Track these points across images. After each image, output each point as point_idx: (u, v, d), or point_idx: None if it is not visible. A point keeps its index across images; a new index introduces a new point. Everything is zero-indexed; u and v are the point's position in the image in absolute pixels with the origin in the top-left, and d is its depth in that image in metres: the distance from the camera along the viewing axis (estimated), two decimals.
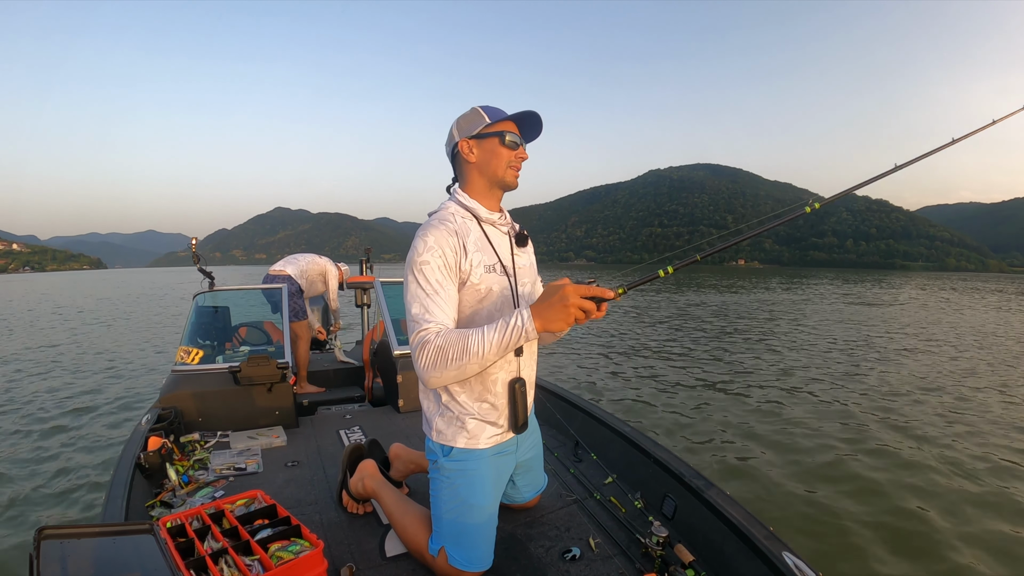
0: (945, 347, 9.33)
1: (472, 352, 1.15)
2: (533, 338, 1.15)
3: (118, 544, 1.22)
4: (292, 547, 1.38)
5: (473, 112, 1.37)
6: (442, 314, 1.24)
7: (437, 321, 1.23)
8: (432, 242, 1.28)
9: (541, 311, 1.13)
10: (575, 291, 1.10)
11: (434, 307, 1.24)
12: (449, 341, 1.17)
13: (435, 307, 1.24)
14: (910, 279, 56.17)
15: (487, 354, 1.16)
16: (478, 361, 1.16)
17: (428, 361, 1.18)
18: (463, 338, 1.17)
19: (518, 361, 1.42)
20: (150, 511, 1.76)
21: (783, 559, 1.26)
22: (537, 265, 1.61)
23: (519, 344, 1.17)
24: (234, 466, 2.15)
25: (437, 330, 1.21)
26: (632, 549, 1.55)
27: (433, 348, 1.18)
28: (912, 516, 3.13)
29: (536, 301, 1.16)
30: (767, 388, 6.15)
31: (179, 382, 2.60)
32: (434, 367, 1.18)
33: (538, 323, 1.13)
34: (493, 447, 1.42)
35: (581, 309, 1.10)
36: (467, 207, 1.39)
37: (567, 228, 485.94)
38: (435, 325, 1.22)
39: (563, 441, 2.41)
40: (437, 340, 1.18)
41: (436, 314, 1.23)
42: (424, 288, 1.25)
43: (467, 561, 1.35)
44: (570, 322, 1.11)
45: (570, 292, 1.10)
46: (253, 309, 3.86)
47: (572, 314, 1.10)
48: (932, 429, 4.70)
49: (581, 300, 1.10)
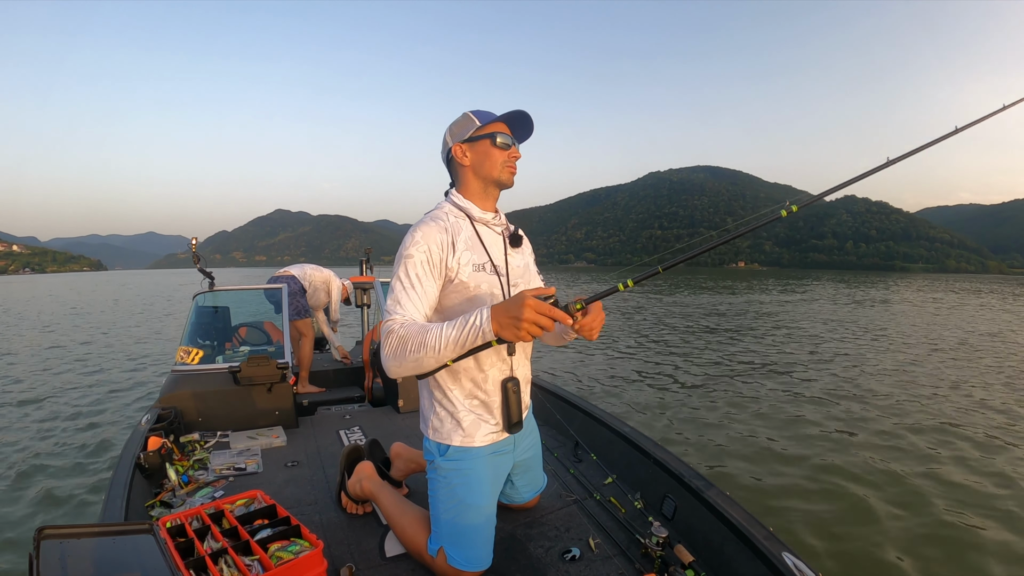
0: (950, 350, 9.33)
1: (429, 346, 1.15)
2: (490, 339, 1.13)
3: (118, 544, 1.22)
4: (292, 547, 1.38)
5: (464, 117, 1.40)
6: (412, 307, 1.26)
7: (405, 313, 1.25)
8: (419, 237, 1.30)
9: (498, 315, 1.10)
10: (533, 306, 1.06)
11: (406, 300, 1.26)
12: (410, 333, 1.18)
13: (407, 300, 1.26)
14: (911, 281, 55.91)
15: (443, 349, 1.15)
16: (434, 356, 1.16)
17: (389, 350, 1.20)
18: (423, 332, 1.17)
19: (511, 360, 1.43)
20: (150, 511, 1.76)
21: (783, 559, 1.26)
22: (537, 267, 1.61)
23: (477, 343, 1.14)
24: (234, 466, 2.15)
25: (402, 321, 1.23)
26: (632, 549, 1.55)
27: (396, 338, 1.19)
28: (914, 516, 3.12)
29: (499, 304, 1.13)
30: (768, 387, 6.16)
31: (179, 382, 2.60)
32: (393, 357, 1.19)
33: (494, 325, 1.10)
34: (489, 446, 1.43)
35: (536, 324, 1.07)
36: (461, 207, 1.41)
37: (567, 230, 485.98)
38: (401, 316, 1.24)
39: (563, 441, 2.41)
40: (400, 331, 1.20)
41: (406, 306, 1.26)
42: (402, 281, 1.28)
43: (466, 561, 1.35)
44: (521, 336, 1.08)
45: (528, 306, 1.06)
46: (253, 309, 3.86)
47: (524, 328, 1.06)
48: (933, 428, 4.70)
49: (536, 316, 1.06)
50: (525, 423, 1.56)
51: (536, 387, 2.63)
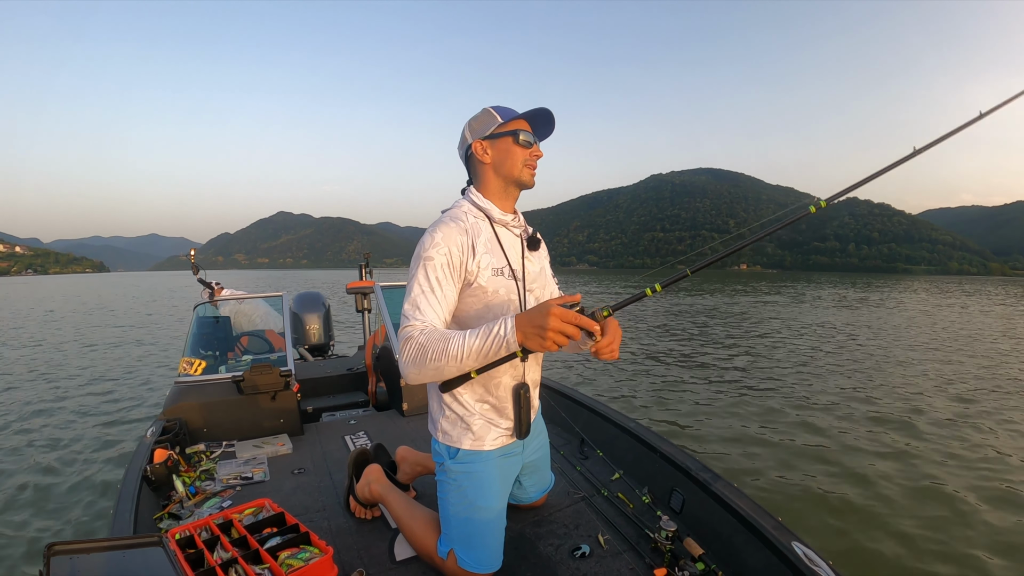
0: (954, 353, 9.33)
1: (451, 355, 1.12)
2: (514, 350, 1.10)
3: (128, 558, 1.22)
4: (302, 554, 1.39)
5: (485, 113, 1.35)
6: (432, 312, 1.22)
7: (424, 319, 1.21)
8: (440, 239, 1.26)
9: (523, 325, 1.07)
10: (559, 315, 1.03)
11: (425, 304, 1.23)
12: (431, 340, 1.15)
13: (426, 305, 1.23)
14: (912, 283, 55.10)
15: (465, 359, 1.12)
16: (456, 365, 1.13)
17: (408, 357, 1.17)
18: (445, 339, 1.14)
19: (523, 366, 1.41)
20: (158, 523, 1.76)
21: (792, 549, 1.26)
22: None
23: (501, 354, 1.11)
24: (241, 475, 2.15)
25: (422, 327, 1.19)
26: (641, 544, 1.55)
27: (415, 345, 1.16)
28: (917, 508, 3.13)
29: (523, 313, 1.10)
30: (771, 385, 6.15)
31: (183, 393, 2.60)
32: (413, 364, 1.16)
33: (519, 336, 1.08)
34: (499, 449, 1.42)
35: (562, 334, 1.04)
36: (480, 207, 1.37)
37: (569, 233, 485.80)
38: (420, 322, 1.20)
39: (569, 439, 2.41)
40: (420, 337, 1.16)
41: (426, 312, 1.22)
42: (421, 284, 1.24)
43: (477, 562, 1.35)
44: (547, 346, 1.05)
45: (554, 315, 1.03)
46: (254, 318, 3.85)
47: (550, 338, 1.03)
48: (936, 429, 4.70)
49: (563, 325, 1.03)
50: (535, 424, 1.56)
51: (541, 386, 2.63)
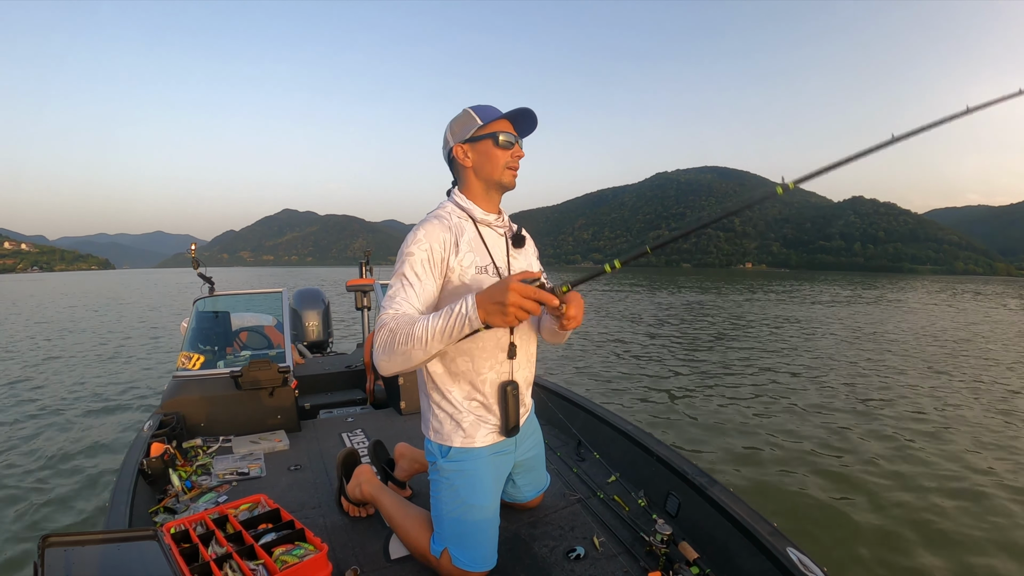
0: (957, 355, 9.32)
1: (416, 337, 1.12)
2: (477, 327, 1.09)
3: (122, 551, 1.22)
4: (296, 551, 1.39)
5: (465, 115, 1.36)
6: (407, 304, 1.23)
7: (399, 308, 1.22)
8: (422, 235, 1.29)
9: (483, 302, 1.08)
10: (518, 289, 1.04)
11: (401, 296, 1.24)
12: (400, 325, 1.16)
13: (402, 296, 1.24)
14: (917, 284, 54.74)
15: (430, 340, 1.11)
16: (422, 348, 1.12)
17: (379, 344, 1.17)
18: (411, 324, 1.14)
19: (511, 363, 1.41)
20: (154, 517, 1.76)
21: (788, 555, 1.26)
22: (544, 267, 1.59)
23: (465, 332, 1.11)
24: (237, 471, 2.15)
25: (394, 314, 1.20)
26: (636, 547, 1.54)
27: (386, 331, 1.17)
28: (918, 512, 3.12)
29: (484, 290, 1.10)
30: (770, 386, 6.15)
31: (181, 387, 2.60)
32: (383, 351, 1.17)
33: (481, 313, 1.08)
34: (490, 446, 1.42)
35: (522, 308, 1.05)
36: (463, 208, 1.39)
37: (574, 231, 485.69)
38: (394, 311, 1.21)
39: (565, 440, 2.41)
40: (391, 323, 1.17)
41: (400, 303, 1.23)
42: (400, 279, 1.26)
43: (471, 561, 1.35)
44: (508, 320, 1.06)
45: (512, 290, 1.04)
46: (254, 313, 3.86)
47: (511, 313, 1.04)
48: (936, 427, 4.69)
49: (521, 300, 1.04)
50: (527, 423, 1.55)
51: (538, 386, 2.63)
